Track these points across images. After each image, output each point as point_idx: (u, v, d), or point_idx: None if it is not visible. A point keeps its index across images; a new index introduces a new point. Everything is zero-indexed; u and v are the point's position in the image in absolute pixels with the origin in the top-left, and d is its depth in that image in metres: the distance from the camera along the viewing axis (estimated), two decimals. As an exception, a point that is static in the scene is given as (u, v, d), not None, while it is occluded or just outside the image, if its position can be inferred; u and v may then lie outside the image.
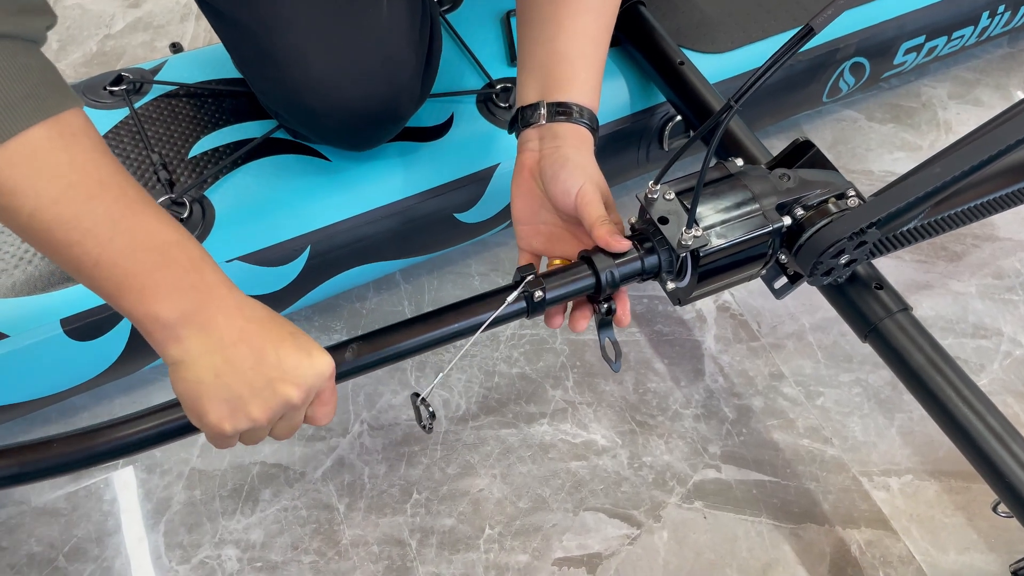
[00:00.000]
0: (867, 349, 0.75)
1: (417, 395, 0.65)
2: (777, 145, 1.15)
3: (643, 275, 0.68)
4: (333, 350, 0.62)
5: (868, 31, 1.04)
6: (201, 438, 0.86)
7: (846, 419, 0.90)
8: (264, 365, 0.55)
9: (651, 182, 0.66)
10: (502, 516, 0.82)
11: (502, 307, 0.65)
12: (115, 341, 0.79)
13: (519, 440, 0.87)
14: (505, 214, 0.94)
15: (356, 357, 0.63)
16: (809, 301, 0.99)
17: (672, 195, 0.66)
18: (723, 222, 0.66)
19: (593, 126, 0.70)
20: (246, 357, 0.55)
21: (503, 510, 0.83)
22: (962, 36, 1.14)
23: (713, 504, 0.84)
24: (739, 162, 0.69)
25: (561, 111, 0.68)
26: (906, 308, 0.74)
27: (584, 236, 0.68)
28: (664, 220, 0.65)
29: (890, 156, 1.15)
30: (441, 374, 0.64)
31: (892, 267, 1.02)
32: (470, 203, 0.91)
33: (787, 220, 0.66)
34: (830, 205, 0.68)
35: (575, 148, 0.68)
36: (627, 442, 0.88)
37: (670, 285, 0.69)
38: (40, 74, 0.52)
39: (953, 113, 1.21)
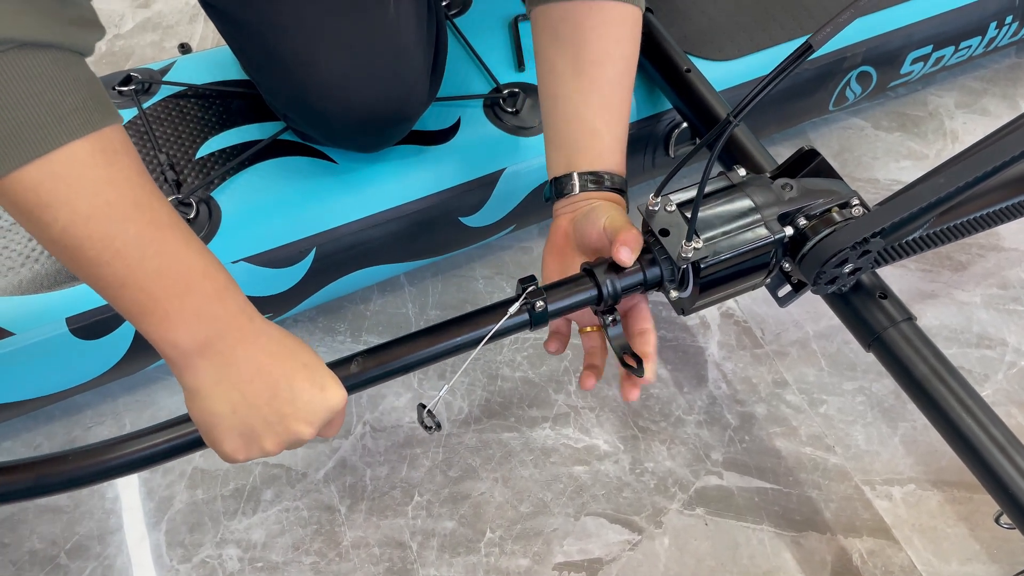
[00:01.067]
0: (871, 358, 0.75)
1: (423, 406, 0.66)
2: (783, 153, 1.15)
3: (645, 286, 0.68)
4: (338, 364, 0.62)
5: (875, 40, 1.04)
6: (204, 438, 0.87)
7: (849, 427, 0.90)
8: (278, 401, 0.56)
9: (652, 194, 0.67)
10: (503, 520, 0.82)
11: (504, 319, 0.65)
12: (120, 340, 0.79)
13: (521, 444, 0.87)
14: (510, 218, 0.94)
15: (361, 371, 0.63)
16: (813, 309, 0.99)
17: (673, 206, 0.66)
18: (724, 233, 0.66)
19: (623, 189, 0.72)
20: (261, 393, 0.55)
21: (504, 514, 0.83)
22: (969, 46, 1.14)
23: (715, 511, 0.84)
24: (742, 172, 0.69)
25: (592, 180, 0.70)
26: (910, 318, 0.74)
27: None
28: (665, 232, 0.65)
29: (896, 165, 1.15)
30: (447, 386, 0.65)
31: (897, 276, 1.02)
32: (476, 207, 0.91)
33: (789, 231, 0.66)
34: (834, 214, 0.68)
35: (609, 204, 0.70)
36: (629, 447, 0.88)
37: (673, 295, 0.69)
38: (88, 87, 0.52)
39: (960, 122, 1.21)
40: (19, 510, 0.81)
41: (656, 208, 0.66)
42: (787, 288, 0.76)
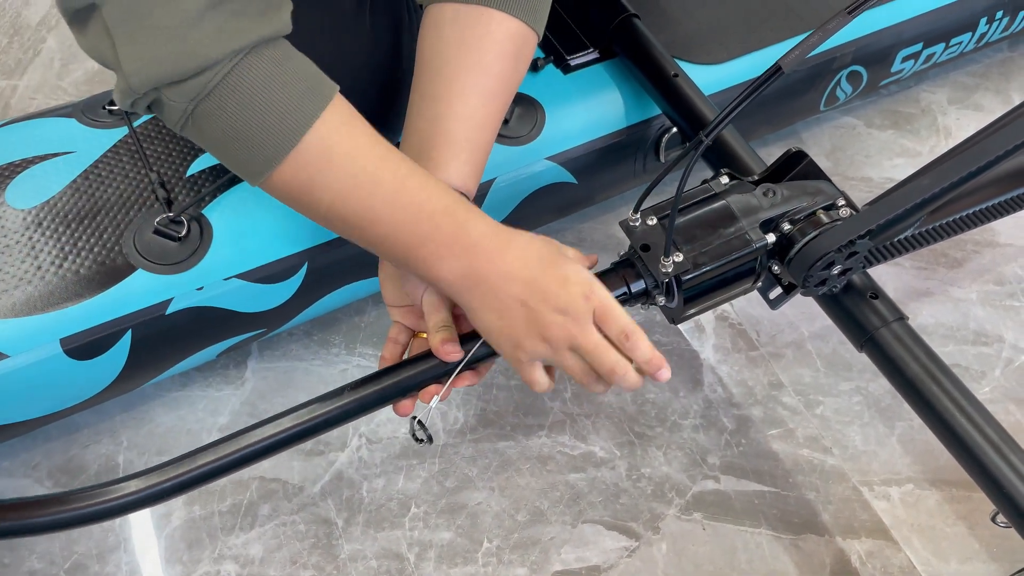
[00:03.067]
0: (866, 358, 0.75)
1: (415, 418, 0.69)
2: (775, 153, 1.15)
3: (631, 299, 0.69)
4: (329, 397, 0.67)
5: (865, 39, 1.04)
6: (201, 454, 0.87)
7: (846, 428, 0.90)
8: (532, 302, 0.61)
9: (631, 211, 0.68)
10: (500, 529, 0.82)
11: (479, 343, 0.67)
12: (115, 359, 0.79)
13: (517, 453, 0.87)
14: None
15: (353, 400, 0.67)
16: (808, 310, 0.98)
17: (654, 220, 0.67)
18: (705, 244, 0.66)
19: None
20: (514, 300, 0.61)
21: (501, 523, 0.83)
22: (960, 43, 1.14)
23: (712, 515, 0.84)
24: (724, 180, 0.69)
25: None
26: (902, 317, 0.73)
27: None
28: (646, 247, 0.66)
29: (889, 163, 1.15)
30: (436, 397, 0.67)
31: (892, 274, 1.02)
32: (466, 217, 0.91)
33: (771, 238, 0.67)
34: (821, 216, 0.68)
35: None
36: (625, 453, 0.88)
37: (660, 301, 0.70)
38: (304, 68, 0.57)
39: (953, 118, 1.20)
40: (18, 530, 0.81)
41: (636, 223, 0.67)
42: (778, 290, 0.76)
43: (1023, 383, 0.94)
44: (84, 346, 0.77)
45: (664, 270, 0.65)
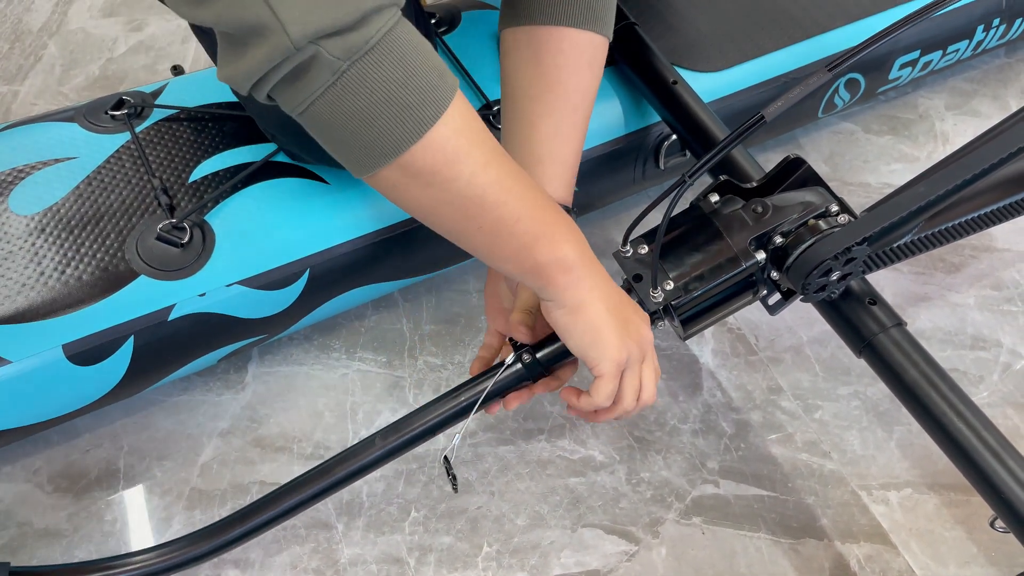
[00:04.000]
0: (864, 362, 0.75)
1: (446, 458, 0.74)
2: (774, 159, 1.16)
3: None
4: (361, 448, 0.72)
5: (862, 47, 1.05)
6: (201, 458, 0.87)
7: (845, 432, 0.90)
8: (622, 302, 0.65)
9: (621, 243, 0.69)
10: (500, 533, 0.83)
11: (502, 371, 0.71)
12: (117, 365, 0.79)
13: (517, 457, 0.88)
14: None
15: (385, 445, 0.71)
16: (807, 314, 0.99)
17: (645, 248, 0.68)
18: (695, 268, 0.67)
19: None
20: (614, 294, 0.65)
21: (501, 527, 0.83)
22: (957, 50, 1.14)
23: (711, 520, 0.84)
24: (714, 198, 0.70)
25: None
26: (900, 323, 0.74)
27: None
28: (639, 277, 0.67)
29: (887, 168, 1.16)
30: (458, 436, 0.73)
31: (890, 279, 1.03)
32: (467, 222, 0.91)
33: (761, 256, 0.67)
34: (821, 223, 0.69)
35: None
36: (625, 458, 0.88)
37: (663, 326, 0.71)
38: (430, 47, 0.55)
39: (950, 124, 1.21)
40: (19, 535, 0.82)
41: (628, 254, 0.68)
42: (777, 296, 0.76)
43: (1021, 388, 0.94)
44: (86, 352, 0.77)
45: (655, 300, 0.66)
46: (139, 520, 0.83)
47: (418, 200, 0.58)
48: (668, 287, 0.67)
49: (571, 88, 0.72)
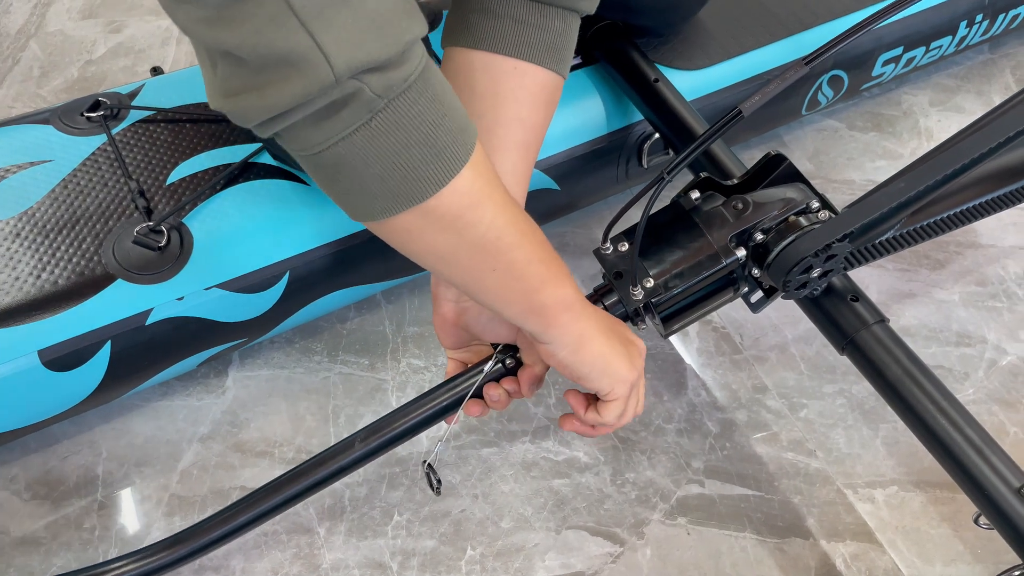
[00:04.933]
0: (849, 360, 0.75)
1: (425, 462, 0.73)
2: (758, 157, 1.16)
3: None
4: (340, 449, 0.70)
5: (845, 44, 1.05)
6: (181, 464, 0.86)
7: (830, 431, 0.90)
8: (616, 326, 0.66)
9: (602, 240, 0.69)
10: (484, 536, 0.82)
11: (485, 372, 0.70)
12: (94, 371, 0.78)
13: (501, 459, 0.87)
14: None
15: (365, 446, 0.70)
16: (792, 313, 0.98)
17: (626, 246, 0.68)
18: (676, 265, 0.67)
19: None
20: (608, 321, 0.65)
21: (485, 530, 0.82)
22: (940, 46, 1.14)
23: (696, 520, 0.84)
24: (694, 195, 0.69)
25: None
26: (883, 320, 0.74)
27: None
28: (619, 275, 0.67)
29: (872, 165, 1.15)
30: (440, 443, 0.74)
31: (874, 276, 1.02)
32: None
33: (741, 253, 0.67)
34: (799, 220, 0.68)
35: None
36: (609, 458, 0.87)
37: (644, 325, 0.70)
38: (452, 90, 0.53)
39: (934, 120, 1.21)
40: (-5, 544, 0.81)
41: (608, 251, 0.68)
42: (759, 294, 0.76)
43: (1006, 384, 0.94)
44: (63, 357, 0.76)
45: (635, 298, 0.66)
46: (118, 527, 0.82)
47: (432, 246, 0.56)
48: (648, 285, 0.67)
49: (529, 125, 0.68)
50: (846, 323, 0.74)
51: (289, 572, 0.79)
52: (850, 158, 1.16)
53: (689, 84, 0.97)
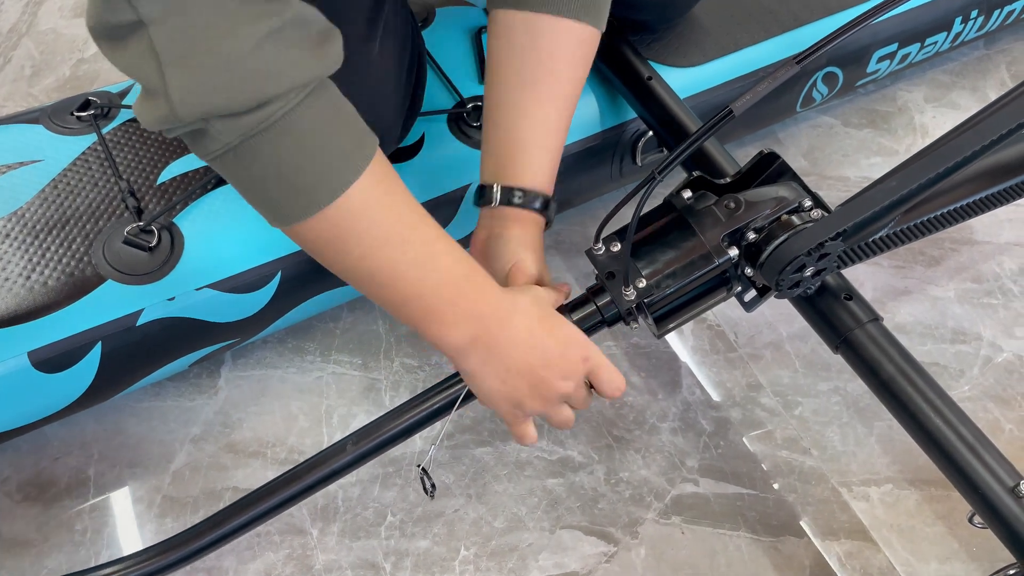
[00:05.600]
0: (842, 359, 0.74)
1: (419, 466, 0.73)
2: (753, 153, 1.15)
3: (606, 324, 0.70)
4: (332, 452, 0.70)
5: (840, 40, 1.04)
6: (173, 465, 0.86)
7: (825, 429, 0.90)
8: (535, 366, 0.63)
9: (593, 240, 0.68)
10: (478, 536, 0.82)
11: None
12: (85, 372, 0.78)
13: (494, 458, 0.87)
14: (477, 232, 0.94)
15: (356, 450, 0.70)
16: (786, 310, 0.98)
17: (618, 246, 0.67)
18: (668, 265, 0.67)
19: (544, 207, 0.73)
20: (521, 364, 0.63)
21: (479, 530, 0.82)
22: (935, 42, 1.14)
23: (691, 519, 0.84)
24: (686, 194, 0.69)
25: (513, 196, 0.71)
26: (876, 318, 0.73)
27: None
28: (611, 275, 0.67)
29: (867, 161, 1.15)
30: (434, 446, 0.75)
31: (869, 273, 1.02)
32: (443, 223, 0.89)
33: (733, 252, 0.66)
34: (792, 219, 0.68)
35: (521, 229, 0.72)
36: (604, 457, 0.87)
37: (636, 325, 0.70)
38: (354, 116, 0.56)
39: (929, 116, 1.21)
40: (-14, 546, 0.80)
41: (600, 252, 0.67)
42: (752, 293, 0.75)
43: (1001, 381, 0.94)
44: (53, 359, 0.75)
45: (627, 298, 0.65)
46: (110, 529, 0.82)
47: (317, 257, 0.61)
48: (640, 285, 0.66)
49: (564, 79, 0.72)
50: (839, 322, 0.73)
51: (282, 573, 0.79)
52: (845, 155, 1.16)
53: (683, 81, 0.97)
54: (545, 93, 0.71)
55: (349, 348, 0.94)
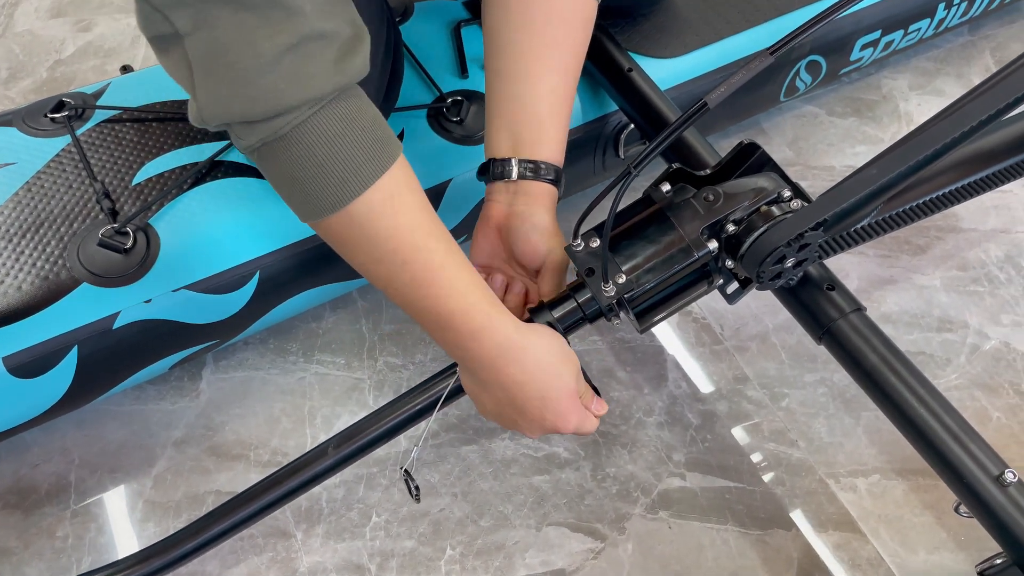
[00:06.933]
0: (827, 350, 0.74)
1: (402, 467, 0.72)
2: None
3: (588, 320, 0.69)
4: (313, 457, 0.70)
5: (823, 28, 1.03)
6: (155, 469, 0.85)
7: (812, 420, 0.89)
8: (515, 414, 0.65)
9: (572, 236, 0.67)
10: (463, 535, 0.81)
11: (454, 381, 0.69)
12: (61, 377, 0.77)
13: (480, 456, 0.86)
14: (460, 229, 0.93)
15: (337, 454, 0.70)
16: (772, 302, 0.97)
17: (597, 242, 0.67)
18: (647, 260, 0.66)
19: (557, 179, 0.73)
20: (505, 404, 0.65)
21: (464, 529, 0.81)
22: (919, 29, 1.13)
23: (678, 513, 0.83)
24: (665, 187, 0.68)
25: (531, 169, 0.71)
26: (859, 308, 0.73)
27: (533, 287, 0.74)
28: (591, 271, 0.66)
29: (852, 150, 1.14)
30: (416, 448, 0.73)
31: (855, 263, 1.02)
32: (422, 218, 0.89)
33: (713, 245, 0.66)
34: (772, 209, 0.67)
35: (545, 209, 0.72)
36: (590, 453, 0.86)
37: (618, 321, 0.69)
38: (373, 128, 0.57)
39: (914, 104, 1.20)
40: (-35, 555, 0.79)
41: (579, 248, 0.67)
42: (735, 285, 0.75)
43: (988, 369, 0.93)
44: (28, 364, 0.74)
45: (607, 294, 0.65)
46: (91, 536, 0.81)
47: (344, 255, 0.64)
48: (620, 280, 0.65)
49: (566, 47, 0.72)
50: (822, 313, 0.73)
51: (266, 576, 0.78)
52: (830, 144, 1.15)
53: (664, 73, 0.96)
54: (547, 62, 0.71)
55: (332, 348, 0.94)
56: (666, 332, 0.96)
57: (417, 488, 0.70)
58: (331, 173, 0.55)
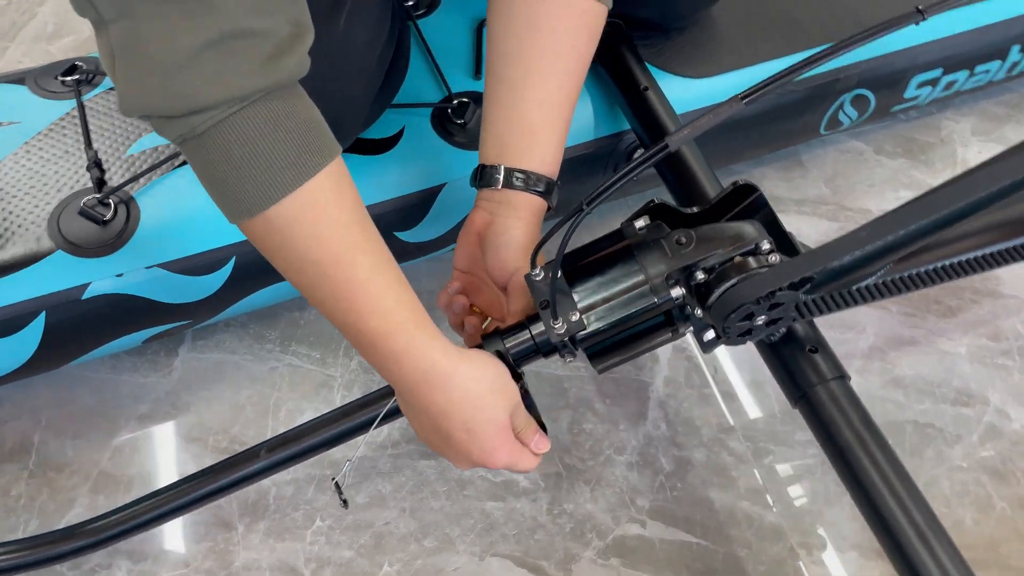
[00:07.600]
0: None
1: (333, 479, 0.70)
2: (769, 174, 1.08)
3: (543, 354, 0.65)
4: (244, 458, 0.69)
5: (872, 62, 0.96)
6: (115, 441, 0.85)
7: (794, 483, 0.83)
8: (463, 440, 0.61)
9: (530, 265, 0.64)
10: (404, 553, 0.79)
11: (390, 402, 0.67)
12: (28, 340, 0.77)
13: (436, 473, 0.83)
14: (448, 237, 0.90)
15: (269, 457, 0.69)
16: (775, 349, 0.91)
17: (560, 274, 0.62)
18: (605, 300, 0.62)
19: (547, 191, 0.69)
20: (431, 430, 0.62)
21: (406, 547, 0.79)
22: (987, 71, 1.04)
23: (630, 563, 0.79)
24: (639, 223, 0.63)
25: (519, 178, 0.68)
26: (842, 376, 0.67)
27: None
28: (545, 304, 0.62)
29: (894, 194, 1.06)
30: (349, 463, 0.70)
31: (874, 317, 0.94)
32: (411, 222, 0.87)
33: (676, 292, 0.61)
34: (750, 260, 0.62)
35: (524, 223, 0.68)
36: (550, 486, 0.83)
37: (570, 359, 0.65)
38: (299, 134, 0.54)
39: (974, 151, 1.11)
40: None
41: (538, 278, 0.63)
42: (711, 333, 0.70)
43: (1002, 453, 0.85)
44: (-10, 324, 0.75)
45: (557, 332, 0.61)
46: (43, 500, 0.82)
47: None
48: (573, 319, 0.61)
49: (568, 55, 0.69)
50: (801, 376, 0.67)
51: (201, 567, 0.78)
52: (871, 185, 1.07)
53: (689, 94, 0.90)
54: (548, 69, 0.68)
55: (310, 341, 0.92)
56: (654, 367, 0.91)
57: (344, 502, 0.68)
58: (249, 176, 0.53)
